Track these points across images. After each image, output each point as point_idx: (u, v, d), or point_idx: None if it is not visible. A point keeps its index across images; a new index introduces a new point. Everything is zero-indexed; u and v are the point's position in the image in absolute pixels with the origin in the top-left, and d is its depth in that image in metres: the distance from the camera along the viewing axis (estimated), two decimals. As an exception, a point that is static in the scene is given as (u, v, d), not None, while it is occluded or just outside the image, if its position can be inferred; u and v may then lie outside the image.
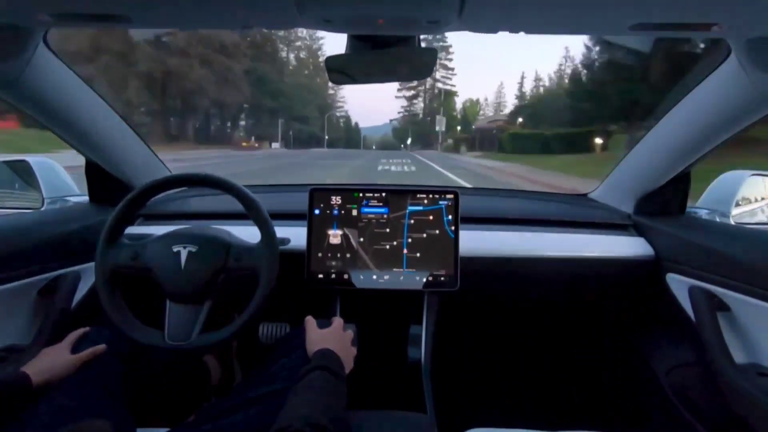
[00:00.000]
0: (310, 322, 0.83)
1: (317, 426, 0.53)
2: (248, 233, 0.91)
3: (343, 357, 0.74)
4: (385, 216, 1.02)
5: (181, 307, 0.83)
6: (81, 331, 0.83)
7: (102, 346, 0.79)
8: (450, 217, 1.01)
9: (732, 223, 1.20)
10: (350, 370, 0.76)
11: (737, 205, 1.22)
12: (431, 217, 1.01)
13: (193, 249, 0.83)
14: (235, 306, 0.85)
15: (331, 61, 0.77)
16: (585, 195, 1.38)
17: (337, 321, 0.85)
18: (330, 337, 0.79)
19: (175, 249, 0.83)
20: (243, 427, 0.69)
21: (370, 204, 1.02)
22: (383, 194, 1.02)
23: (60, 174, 1.36)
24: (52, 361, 0.74)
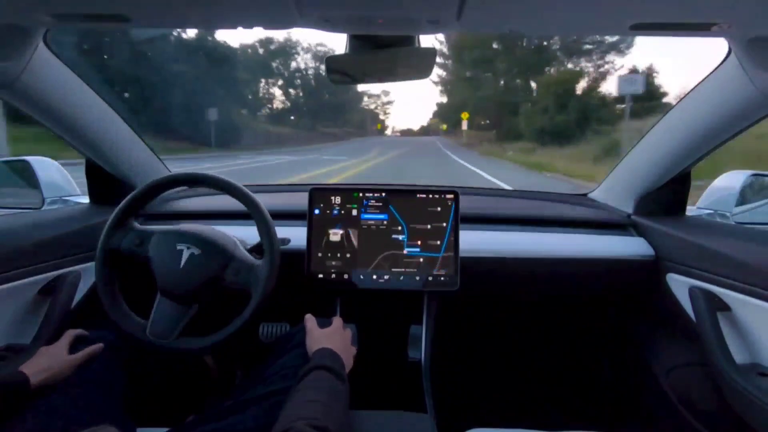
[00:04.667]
0: (311, 320, 0.83)
1: (322, 429, 0.53)
2: (249, 233, 0.91)
3: (344, 356, 0.74)
4: (384, 216, 1.02)
5: (169, 304, 0.83)
6: (76, 331, 0.82)
7: (99, 346, 0.78)
8: (450, 216, 1.01)
9: (732, 222, 1.20)
10: (350, 370, 0.76)
11: (737, 204, 1.22)
12: (431, 217, 1.01)
13: (196, 251, 0.83)
14: (220, 315, 0.85)
15: (331, 60, 0.77)
16: (585, 195, 1.38)
17: (337, 320, 0.85)
18: (331, 336, 0.78)
19: (179, 247, 0.83)
20: (243, 428, 0.69)
21: (370, 204, 1.02)
22: (383, 194, 1.02)
23: (60, 174, 1.36)
24: (50, 361, 0.74)
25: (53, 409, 0.67)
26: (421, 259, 1.00)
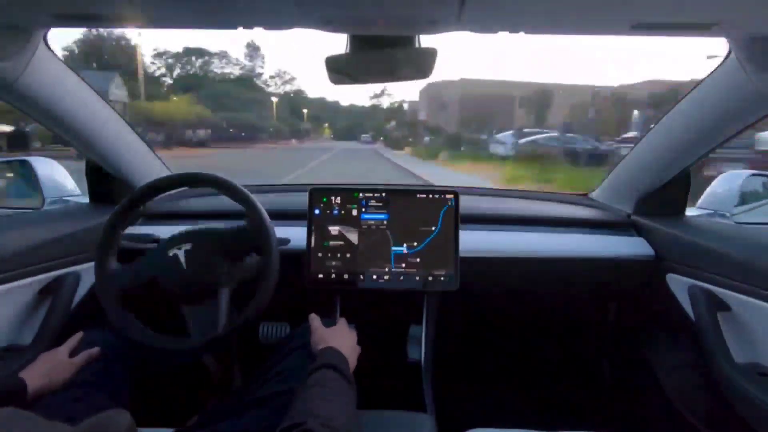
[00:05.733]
0: (316, 319, 0.83)
1: (334, 429, 0.52)
2: None
3: (349, 356, 0.74)
4: (385, 216, 1.02)
5: (199, 309, 0.83)
6: (80, 335, 0.82)
7: (96, 349, 0.78)
8: (450, 216, 1.01)
9: (732, 222, 1.20)
10: (353, 370, 0.76)
11: (737, 204, 1.23)
12: (431, 217, 1.01)
13: (188, 247, 0.83)
14: (243, 298, 0.85)
15: (331, 61, 0.76)
16: (585, 195, 1.38)
17: (342, 320, 0.85)
18: (336, 335, 0.78)
19: (171, 253, 0.82)
20: (245, 430, 0.68)
21: (370, 204, 1.02)
22: (383, 194, 1.02)
23: (60, 174, 1.36)
24: (50, 365, 0.73)
25: (55, 411, 0.67)
26: (421, 259, 1.00)
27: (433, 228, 1.01)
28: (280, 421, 0.55)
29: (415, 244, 1.01)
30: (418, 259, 1.00)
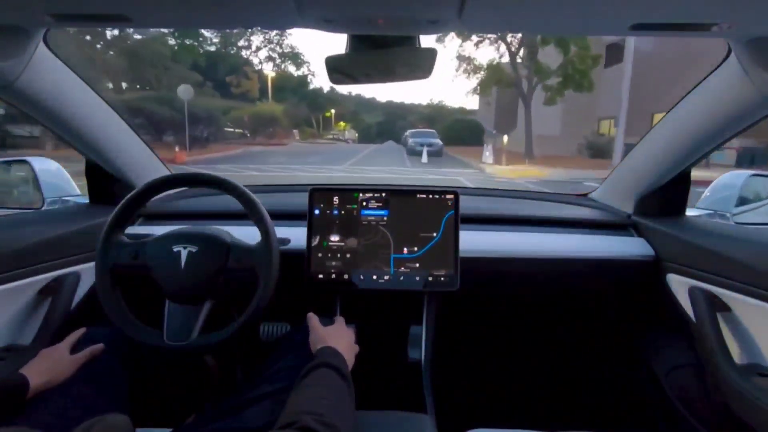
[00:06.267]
0: (314, 318, 0.83)
1: (329, 426, 0.53)
2: (248, 233, 0.91)
3: (347, 355, 0.74)
4: (385, 216, 1.02)
5: (180, 307, 0.83)
6: (80, 331, 0.83)
7: (99, 346, 0.79)
8: (450, 217, 1.01)
9: (732, 223, 1.20)
10: (351, 369, 0.76)
11: (737, 205, 1.23)
12: (431, 217, 1.01)
13: (194, 249, 0.83)
14: (235, 306, 0.85)
15: (331, 60, 0.77)
16: (585, 195, 1.39)
17: (340, 319, 0.85)
18: (334, 334, 0.79)
19: (176, 249, 0.83)
20: (244, 427, 0.68)
21: (370, 204, 1.02)
22: (383, 194, 1.02)
23: (60, 174, 1.36)
24: (51, 362, 0.74)
25: (54, 408, 0.67)
26: (421, 260, 1.00)
27: (434, 234, 1.01)
28: (277, 419, 0.55)
29: (416, 249, 1.00)
30: (418, 260, 1.00)
